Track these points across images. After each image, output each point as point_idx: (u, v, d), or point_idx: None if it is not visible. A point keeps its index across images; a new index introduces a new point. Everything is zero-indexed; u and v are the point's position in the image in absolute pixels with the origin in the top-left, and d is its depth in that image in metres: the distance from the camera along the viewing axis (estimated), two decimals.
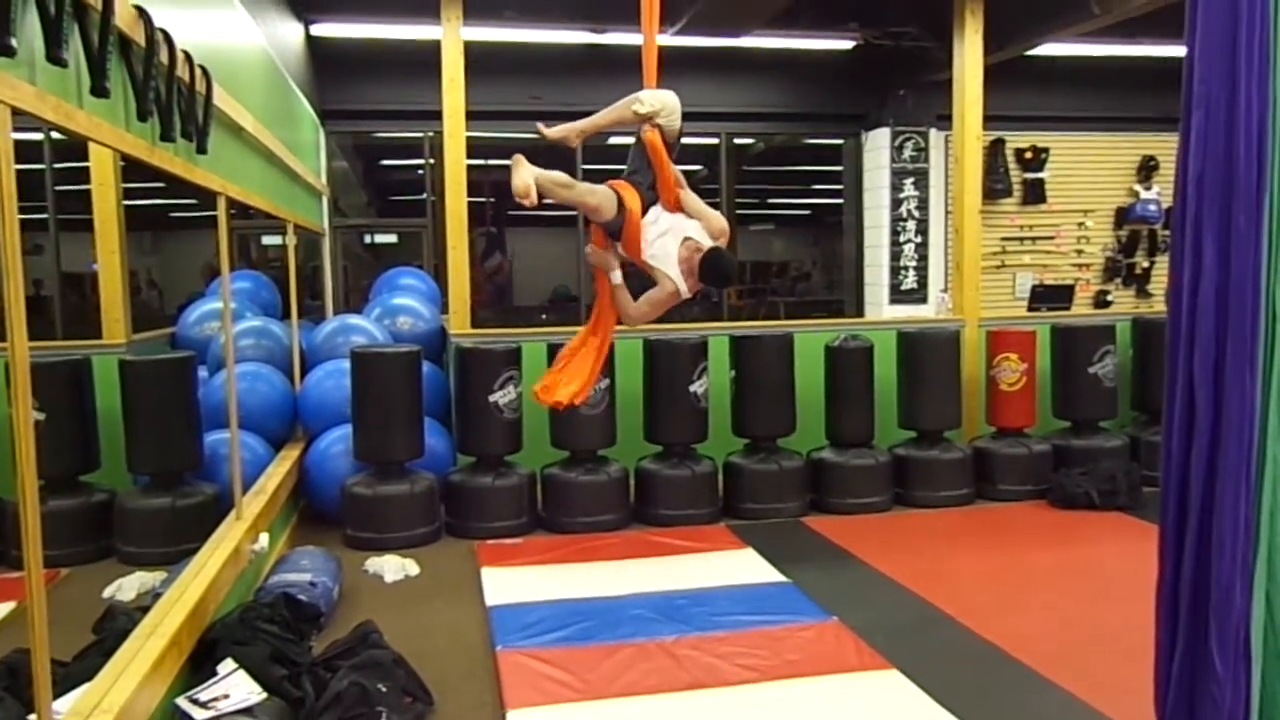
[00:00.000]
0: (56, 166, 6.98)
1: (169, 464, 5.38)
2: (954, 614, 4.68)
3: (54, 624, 2.38)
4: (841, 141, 11.02)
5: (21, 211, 2.26)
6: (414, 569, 5.52)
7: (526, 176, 3.85)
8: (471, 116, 7.14)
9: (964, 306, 7.89)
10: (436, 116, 7.18)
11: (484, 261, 11.78)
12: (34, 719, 2.37)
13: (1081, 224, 10.77)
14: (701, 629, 4.44)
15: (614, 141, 6.40)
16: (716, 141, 10.58)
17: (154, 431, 5.32)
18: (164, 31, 3.09)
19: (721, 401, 6.76)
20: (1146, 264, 10.88)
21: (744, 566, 5.45)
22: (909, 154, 10.21)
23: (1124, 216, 10.81)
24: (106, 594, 4.47)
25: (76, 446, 5.38)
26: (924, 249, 10.28)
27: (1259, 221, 2.25)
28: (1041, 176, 10.62)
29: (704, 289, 4.45)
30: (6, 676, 3.09)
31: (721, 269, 4.17)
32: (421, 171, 10.40)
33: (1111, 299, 10.80)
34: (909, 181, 10.21)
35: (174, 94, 3.23)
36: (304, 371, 6.88)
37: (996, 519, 6.57)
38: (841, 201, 11.20)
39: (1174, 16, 2.71)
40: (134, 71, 2.95)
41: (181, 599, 3.53)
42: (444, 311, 7.90)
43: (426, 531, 6.09)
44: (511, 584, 5.15)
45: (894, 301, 10.22)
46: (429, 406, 6.51)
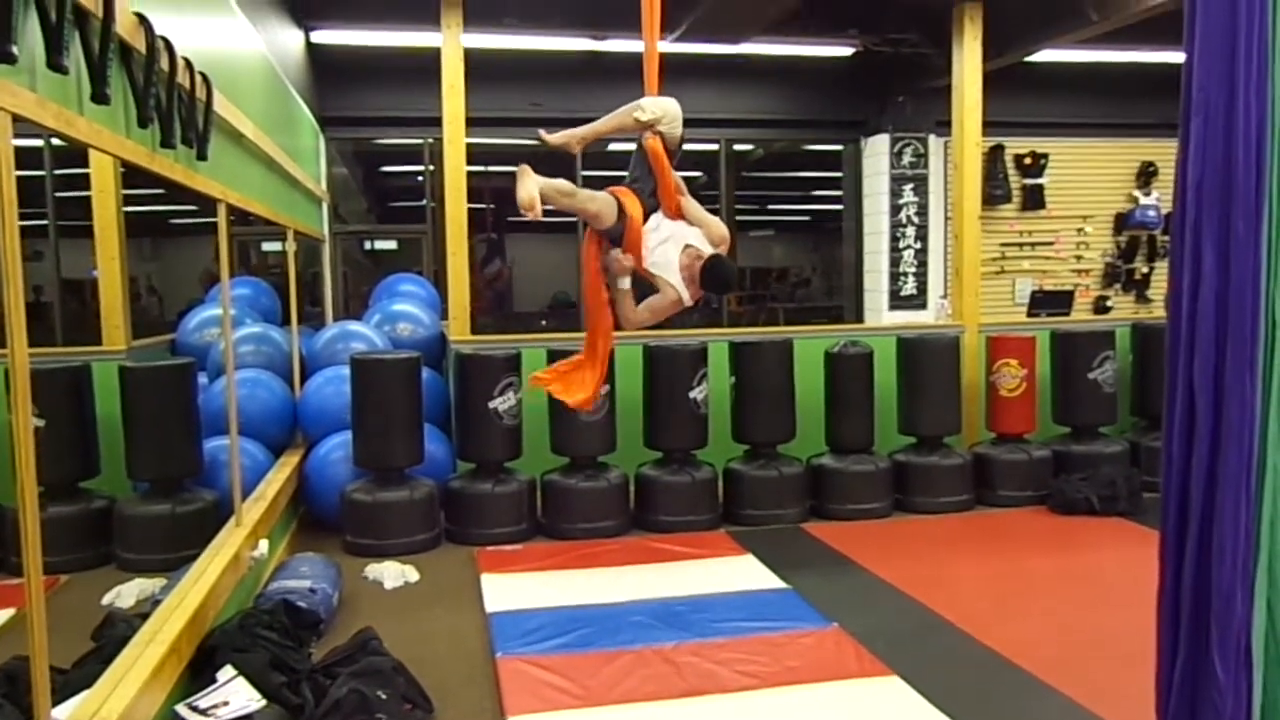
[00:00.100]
0: (57, 173, 6.98)
1: (169, 470, 5.38)
2: (954, 620, 4.67)
3: (53, 631, 2.38)
4: (841, 148, 11.02)
5: (22, 218, 2.27)
6: (414, 575, 5.52)
7: (532, 188, 3.79)
8: (471, 123, 7.16)
9: (964, 312, 7.89)
10: (436, 123, 7.20)
11: (484, 268, 11.78)
12: None
13: (1081, 230, 10.77)
14: (701, 635, 4.43)
15: (614, 148, 6.40)
16: (716, 148, 10.58)
17: (154, 438, 5.32)
18: (164, 39, 3.10)
19: (721, 408, 6.76)
20: (1146, 269, 10.88)
21: (744, 573, 5.44)
22: (908, 160, 10.21)
23: (1123, 222, 10.81)
24: (106, 601, 4.47)
25: (76, 453, 5.39)
26: (923, 255, 10.28)
27: (1258, 228, 2.25)
28: (1041, 182, 10.62)
29: (705, 296, 4.45)
30: (6, 683, 3.08)
31: (722, 276, 4.17)
32: (421, 178, 10.41)
33: (1111, 304, 10.80)
34: (908, 187, 10.22)
35: (174, 101, 3.23)
36: (304, 378, 6.87)
37: (997, 525, 6.57)
38: (841, 208, 11.20)
39: (1172, 23, 2.71)
40: (134, 78, 2.96)
41: (181, 606, 3.53)
42: (444, 318, 7.90)
43: (426, 538, 6.09)
44: (511, 590, 5.14)
45: (894, 307, 10.21)
46: (429, 413, 6.51)
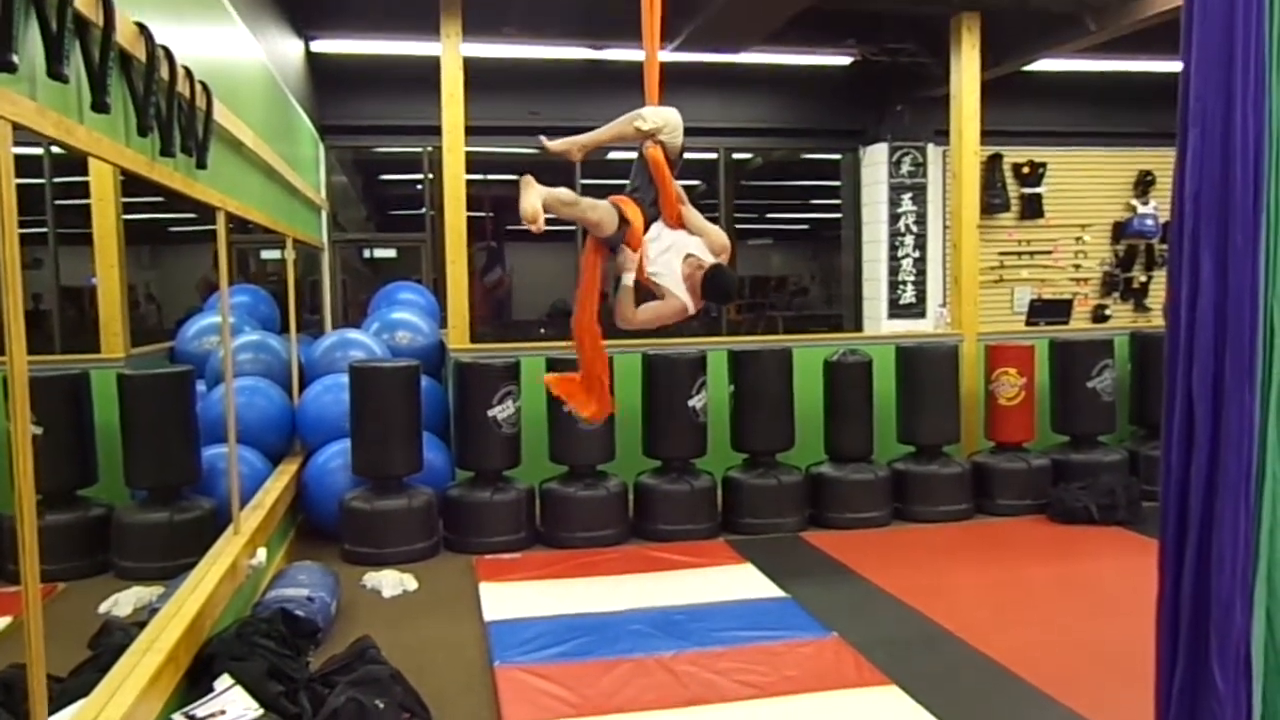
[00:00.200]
0: (56, 180, 6.98)
1: (167, 478, 5.38)
2: (953, 629, 4.67)
3: (50, 639, 2.37)
4: (840, 157, 11.03)
5: (21, 225, 2.27)
6: (412, 584, 5.51)
7: (535, 200, 3.77)
8: (471, 132, 7.17)
9: (962, 321, 7.90)
10: (436, 132, 7.21)
11: (484, 276, 11.77)
12: None
13: (1079, 238, 10.78)
14: (700, 644, 4.43)
15: (613, 156, 6.41)
16: (715, 157, 10.59)
17: (152, 446, 5.31)
18: (165, 48, 3.11)
19: (720, 416, 6.76)
20: (1144, 278, 10.89)
21: (743, 582, 5.44)
22: (907, 169, 10.23)
23: (1121, 231, 10.82)
24: (103, 609, 4.45)
25: (74, 461, 5.38)
26: (922, 264, 10.29)
27: (1256, 237, 2.25)
28: (1039, 191, 10.64)
29: (706, 304, 4.46)
30: (3, 692, 3.08)
31: (724, 286, 4.18)
32: (421, 186, 10.41)
33: (1109, 313, 10.81)
34: (907, 196, 10.23)
35: (174, 109, 3.24)
36: (302, 386, 6.87)
37: (995, 534, 6.56)
38: (840, 216, 11.21)
39: (1170, 33, 2.72)
40: (134, 87, 2.97)
41: (178, 614, 3.52)
42: (443, 326, 7.90)
43: (425, 546, 6.08)
44: (510, 599, 5.14)
45: (892, 316, 10.22)
46: (427, 421, 6.51)
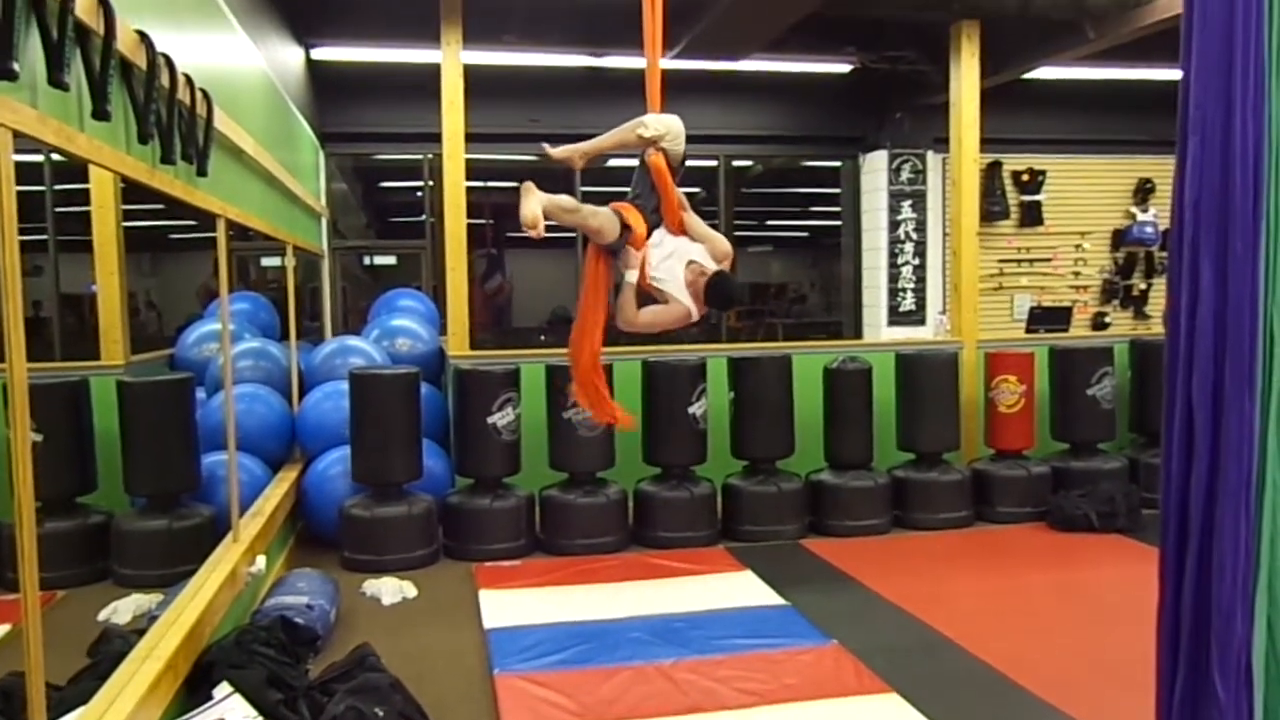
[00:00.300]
0: (57, 188, 6.99)
1: (166, 485, 5.37)
2: (954, 637, 4.66)
3: (49, 647, 2.37)
4: (839, 164, 11.05)
5: (21, 232, 2.27)
6: (412, 591, 5.50)
7: (535, 207, 3.77)
8: (470, 139, 7.18)
9: (962, 328, 7.90)
10: (436, 139, 7.22)
11: (484, 283, 11.78)
12: None
13: (1079, 246, 10.80)
14: (700, 652, 4.42)
15: (614, 164, 6.42)
16: (715, 164, 10.61)
17: (152, 453, 5.31)
18: (165, 55, 3.11)
19: (720, 423, 6.75)
20: (1144, 286, 10.91)
21: (743, 589, 5.43)
22: (906, 176, 10.24)
23: (1121, 238, 10.84)
24: (102, 616, 4.44)
25: (74, 468, 5.38)
26: (922, 271, 10.30)
27: (1255, 245, 2.25)
28: (1038, 199, 10.65)
29: (708, 311, 4.46)
30: (1, 700, 3.07)
31: (727, 292, 4.19)
32: (421, 193, 10.42)
33: (1109, 321, 10.81)
34: (907, 204, 10.24)
35: (175, 117, 3.24)
36: (302, 393, 6.87)
37: (995, 541, 6.56)
38: (840, 223, 11.22)
39: (1169, 41, 2.73)
40: (135, 95, 2.97)
41: (178, 622, 3.51)
42: (443, 333, 7.90)
43: (424, 554, 6.07)
44: (509, 606, 5.13)
45: (892, 323, 10.22)
46: (427, 428, 6.51)
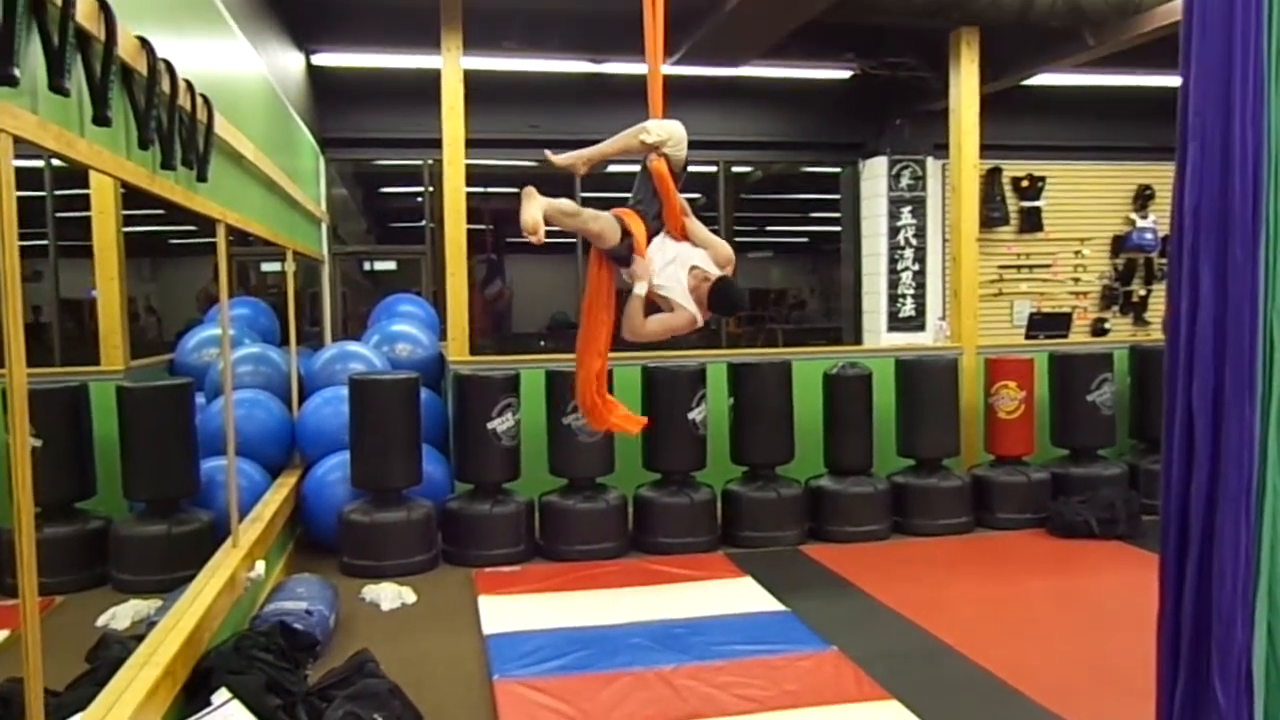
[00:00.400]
0: (57, 193, 7.00)
1: (165, 491, 5.36)
2: (953, 644, 4.65)
3: (47, 652, 2.36)
4: (839, 170, 11.05)
5: (21, 238, 2.27)
6: (411, 597, 5.49)
7: (536, 212, 3.75)
8: (471, 144, 7.18)
9: (962, 334, 7.90)
10: (436, 144, 7.23)
11: (484, 288, 11.78)
12: None
13: (1078, 252, 10.80)
14: (700, 658, 4.41)
15: (614, 170, 6.43)
16: (715, 169, 10.62)
17: (151, 458, 5.30)
18: (166, 61, 3.12)
19: (720, 429, 6.75)
20: (1143, 292, 10.91)
21: (742, 595, 5.43)
22: (906, 182, 10.25)
23: (1120, 245, 10.85)
24: (101, 622, 4.44)
25: (73, 473, 5.37)
26: (922, 277, 10.30)
27: (1255, 252, 2.25)
28: (1038, 205, 10.66)
29: (711, 317, 4.46)
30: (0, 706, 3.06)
31: (731, 298, 4.19)
32: (421, 199, 10.43)
33: (1109, 327, 10.81)
34: (906, 210, 10.25)
35: (175, 123, 3.25)
36: (302, 398, 6.87)
37: (995, 547, 6.55)
38: (839, 229, 11.22)
39: (1168, 47, 2.73)
40: (135, 100, 2.97)
41: (176, 627, 3.51)
42: (442, 338, 7.90)
43: (424, 559, 6.06)
44: (509, 612, 5.12)
45: (892, 329, 10.22)
46: (427, 433, 6.50)
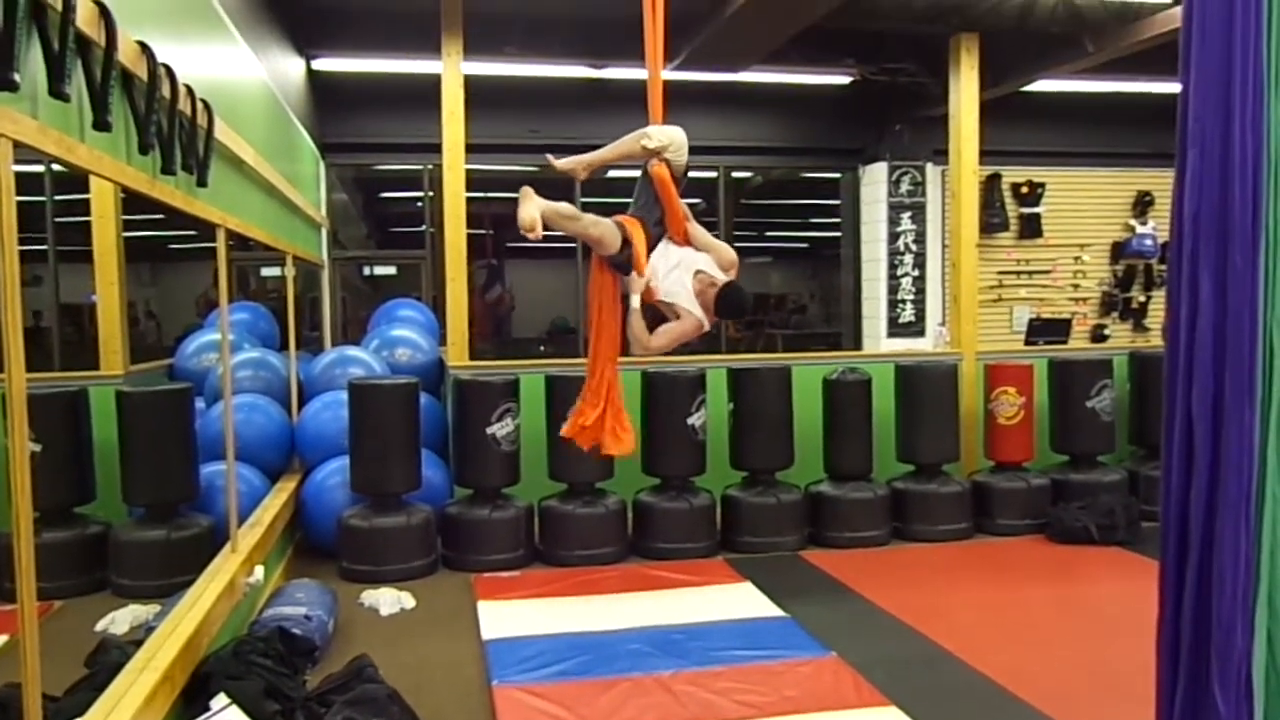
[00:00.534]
0: (57, 198, 7.00)
1: (165, 496, 5.35)
2: (953, 650, 4.65)
3: (46, 658, 2.36)
4: (839, 175, 11.07)
5: (21, 242, 2.27)
6: (410, 602, 5.49)
7: (533, 210, 3.80)
8: (471, 150, 7.18)
9: (961, 340, 7.90)
10: (436, 150, 7.23)
11: (484, 293, 11.79)
12: None
13: (1078, 258, 10.81)
14: (699, 664, 4.41)
15: (614, 175, 6.43)
16: (715, 175, 10.64)
17: (150, 463, 5.29)
18: (166, 66, 3.12)
19: (719, 434, 6.75)
20: (1143, 298, 10.92)
21: (742, 601, 5.42)
22: (906, 188, 10.26)
23: (1120, 251, 10.86)
24: (99, 627, 4.43)
25: (72, 478, 5.36)
26: (921, 282, 10.31)
27: (1255, 258, 2.25)
28: (1038, 211, 10.67)
29: (716, 321, 4.46)
30: None
31: (738, 303, 4.20)
32: (421, 204, 10.44)
33: (1108, 333, 10.82)
34: (906, 215, 10.26)
35: (175, 128, 3.25)
36: (301, 403, 6.86)
37: (995, 553, 6.54)
38: (839, 235, 11.24)
39: (1168, 54, 2.73)
40: (136, 105, 2.97)
41: (175, 632, 3.50)
42: (442, 343, 7.90)
43: (423, 564, 6.06)
44: (508, 617, 5.12)
45: (892, 334, 10.23)
46: (426, 438, 6.50)
